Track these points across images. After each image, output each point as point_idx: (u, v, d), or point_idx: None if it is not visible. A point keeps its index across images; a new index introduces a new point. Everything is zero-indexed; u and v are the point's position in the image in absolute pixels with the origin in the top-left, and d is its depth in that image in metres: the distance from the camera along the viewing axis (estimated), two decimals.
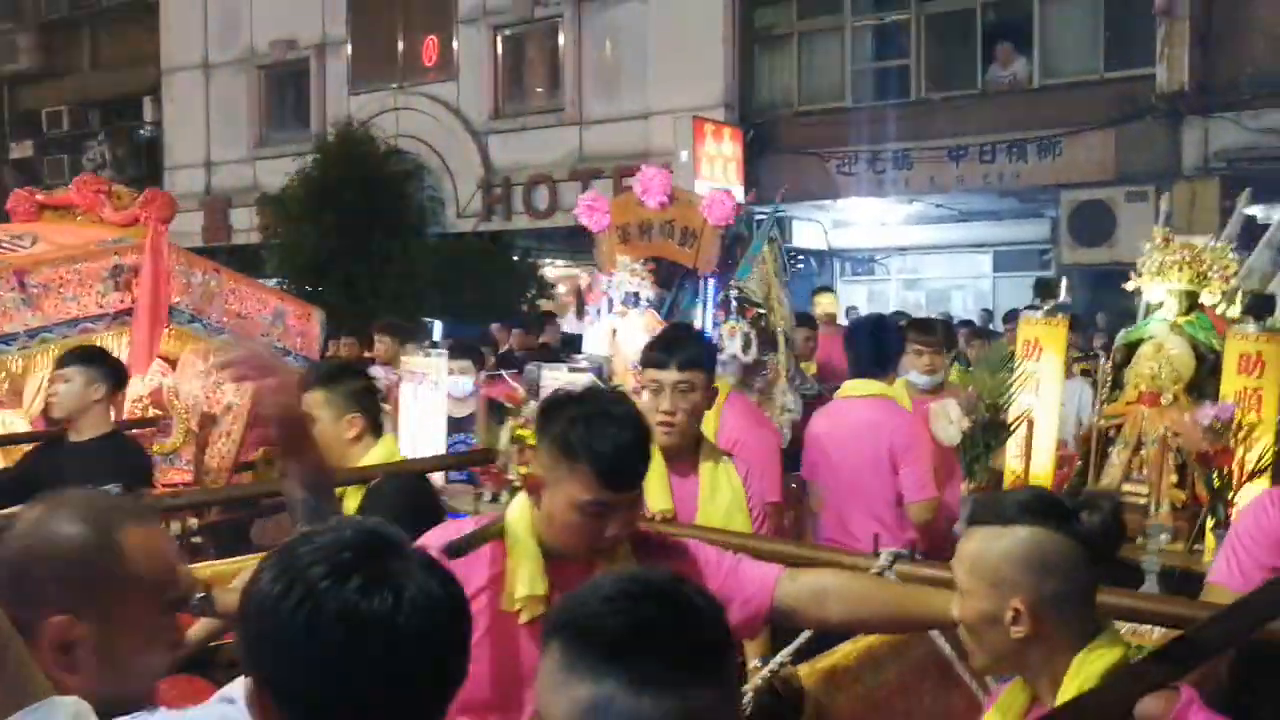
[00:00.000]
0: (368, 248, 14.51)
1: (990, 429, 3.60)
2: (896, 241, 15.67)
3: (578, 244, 15.99)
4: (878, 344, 4.32)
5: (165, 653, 1.42)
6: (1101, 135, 12.26)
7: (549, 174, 14.97)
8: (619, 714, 1.07)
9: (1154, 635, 2.36)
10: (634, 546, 2.14)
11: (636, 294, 5.14)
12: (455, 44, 15.85)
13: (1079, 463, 4.16)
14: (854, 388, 4.27)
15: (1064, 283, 4.45)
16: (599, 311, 5.35)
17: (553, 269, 16.55)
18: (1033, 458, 4.03)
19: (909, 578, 2.30)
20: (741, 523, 3.08)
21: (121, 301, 4.97)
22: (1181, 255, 3.87)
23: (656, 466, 2.84)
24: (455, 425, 5.10)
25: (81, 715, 1.23)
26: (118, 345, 5.04)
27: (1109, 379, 4.12)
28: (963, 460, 3.55)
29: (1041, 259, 14.59)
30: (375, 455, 3.06)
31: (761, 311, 5.08)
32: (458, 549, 2.09)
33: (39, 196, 5.63)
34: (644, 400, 3.11)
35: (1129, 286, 4.08)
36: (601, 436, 2.00)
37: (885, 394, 4.23)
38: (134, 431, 4.77)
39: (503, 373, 6.79)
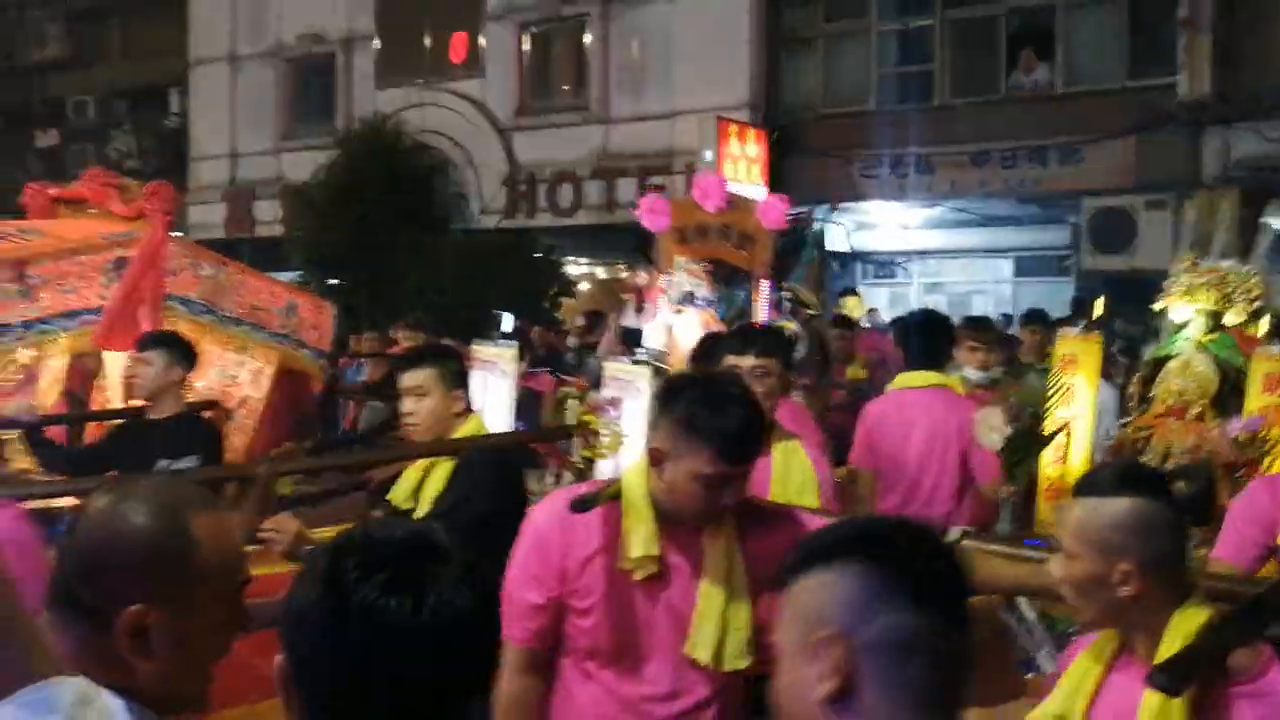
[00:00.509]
0: (391, 242, 14.65)
1: (1030, 436, 3.83)
2: (918, 245, 15.76)
3: (599, 242, 16.16)
4: (934, 338, 4.59)
5: (232, 634, 1.44)
6: (1123, 143, 12.35)
7: (573, 171, 15.11)
8: (937, 644, 1.20)
9: None
10: (737, 512, 2.32)
11: (692, 293, 5.44)
12: (482, 41, 15.98)
13: None
14: (914, 379, 4.48)
15: (1100, 301, 4.72)
16: (658, 309, 5.67)
17: (575, 267, 16.68)
18: (1068, 465, 4.24)
19: (976, 551, 2.47)
20: (811, 503, 3.25)
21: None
22: (1208, 278, 4.10)
23: None
24: None
25: (88, 696, 1.24)
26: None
27: (1138, 393, 4.34)
28: (1004, 465, 3.75)
29: (1062, 265, 14.68)
30: (467, 430, 3.33)
31: (812, 313, 5.40)
32: (582, 504, 2.31)
33: (52, 191, 5.64)
34: None
35: (1157, 307, 4.35)
36: (723, 416, 2.20)
37: (947, 384, 4.47)
38: None
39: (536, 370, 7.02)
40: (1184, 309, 4.17)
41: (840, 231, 15.07)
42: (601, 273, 17.80)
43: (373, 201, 14.70)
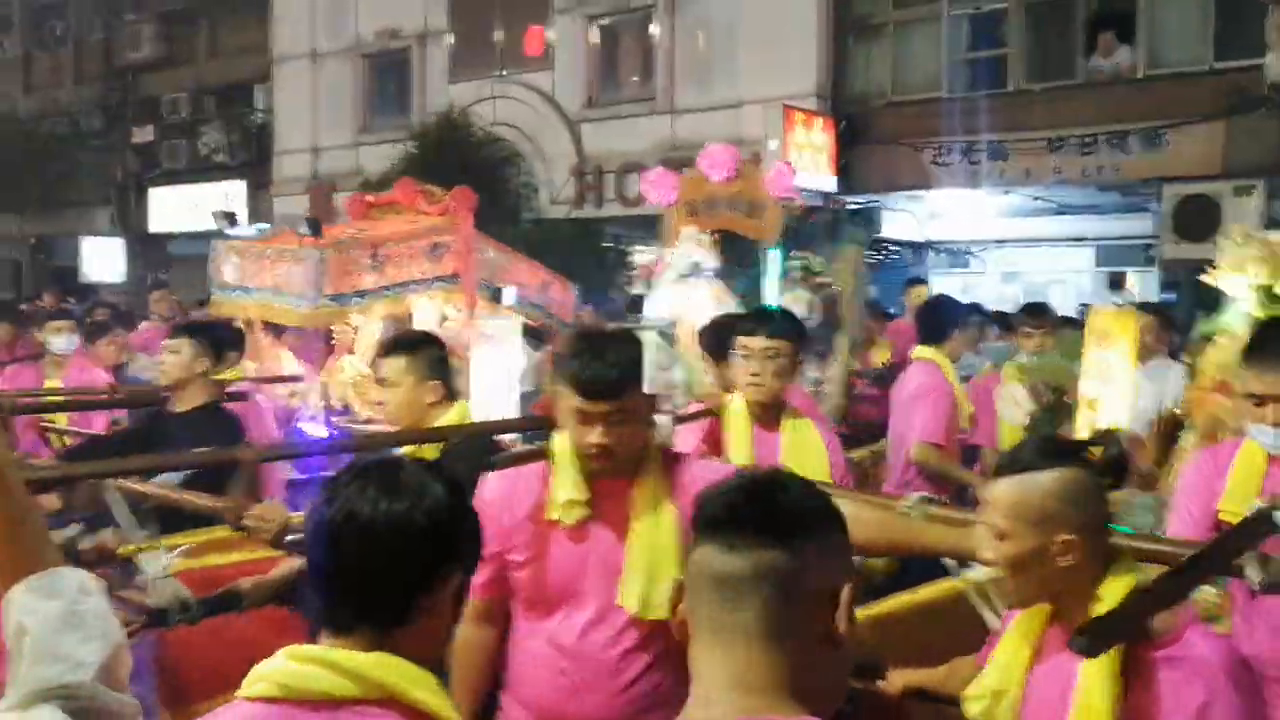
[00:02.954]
0: None
1: (1053, 413, 3.78)
2: (993, 234, 15.35)
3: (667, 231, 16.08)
4: (931, 318, 5.07)
5: None
6: (1208, 127, 11.84)
7: (640, 162, 15.02)
8: (711, 567, 1.29)
9: None
10: (670, 463, 2.53)
11: (699, 264, 5.41)
12: (551, 34, 16.04)
13: (1149, 448, 4.26)
14: (913, 353, 5.02)
15: (1129, 277, 4.59)
16: (662, 281, 5.84)
17: (642, 256, 16.63)
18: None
19: (934, 518, 2.52)
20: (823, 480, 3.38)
21: (435, 272, 6.30)
22: (1257, 251, 3.90)
23: (741, 422, 3.59)
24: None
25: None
26: (429, 304, 6.40)
27: (1190, 370, 4.25)
28: None
29: (1145, 254, 14.16)
30: (449, 419, 3.32)
31: (824, 281, 5.35)
32: (494, 465, 2.61)
33: (369, 198, 7.09)
34: (736, 364, 3.63)
35: (1208, 280, 4.18)
36: (581, 356, 2.42)
37: (925, 356, 4.87)
38: None
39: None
40: (1235, 283, 3.99)
41: (911, 220, 14.75)
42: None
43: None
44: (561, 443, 2.50)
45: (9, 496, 1.36)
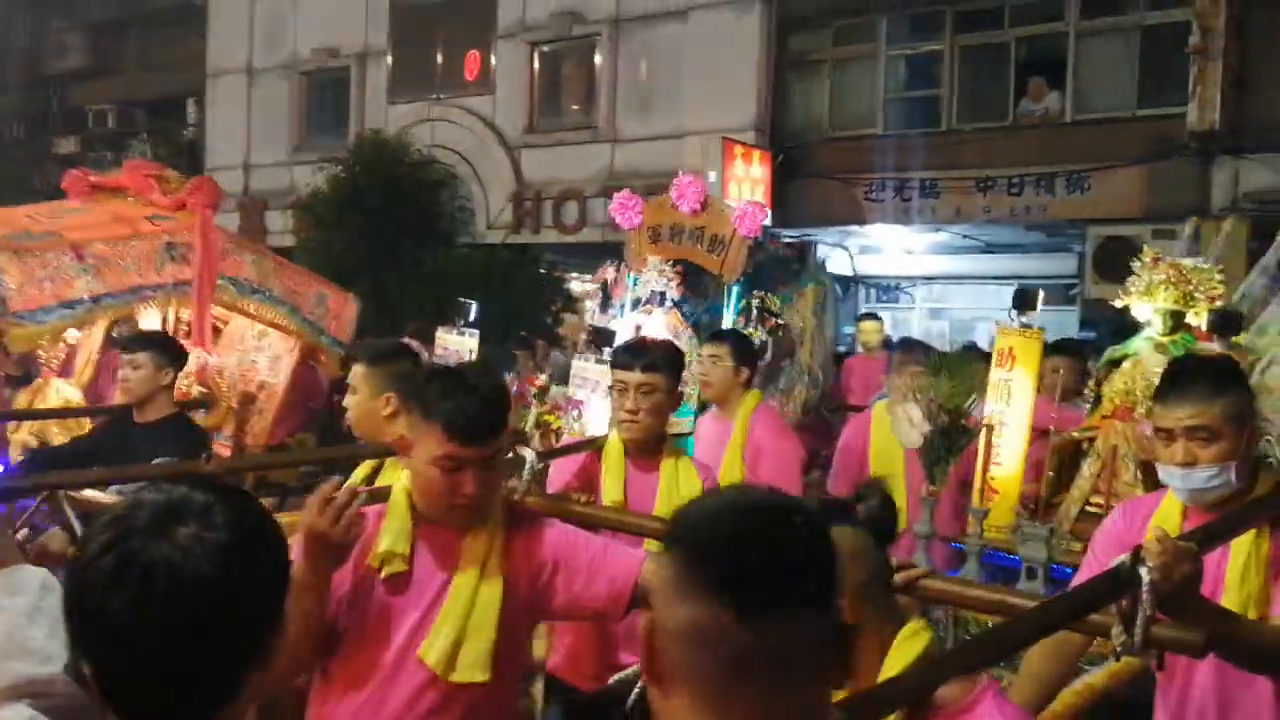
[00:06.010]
0: (395, 255, 14.67)
1: (949, 434, 3.70)
2: (922, 270, 15.69)
3: (604, 259, 16.11)
4: None
5: None
6: (1131, 172, 12.25)
7: (579, 189, 15.12)
8: (728, 644, 1.09)
9: None
10: (508, 517, 2.34)
11: (663, 293, 5.46)
12: (493, 59, 16.07)
13: (1049, 473, 4.30)
14: None
15: (1041, 295, 4.46)
16: (623, 307, 5.71)
17: (579, 283, 16.69)
18: (1000, 465, 4.15)
19: None
20: None
21: (178, 273, 5.22)
22: (1168, 274, 3.98)
23: (615, 459, 3.39)
24: None
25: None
26: (174, 313, 5.47)
27: (1093, 394, 4.26)
28: (923, 464, 3.66)
29: (1067, 294, 14.57)
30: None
31: (780, 322, 5.40)
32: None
33: (92, 179, 5.80)
34: (613, 399, 3.46)
35: (1117, 304, 4.21)
36: (450, 396, 2.21)
37: None
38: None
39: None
40: (1144, 308, 4.07)
41: (843, 255, 15.01)
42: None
43: (375, 214, 14.73)
44: (400, 487, 2.30)
45: None
